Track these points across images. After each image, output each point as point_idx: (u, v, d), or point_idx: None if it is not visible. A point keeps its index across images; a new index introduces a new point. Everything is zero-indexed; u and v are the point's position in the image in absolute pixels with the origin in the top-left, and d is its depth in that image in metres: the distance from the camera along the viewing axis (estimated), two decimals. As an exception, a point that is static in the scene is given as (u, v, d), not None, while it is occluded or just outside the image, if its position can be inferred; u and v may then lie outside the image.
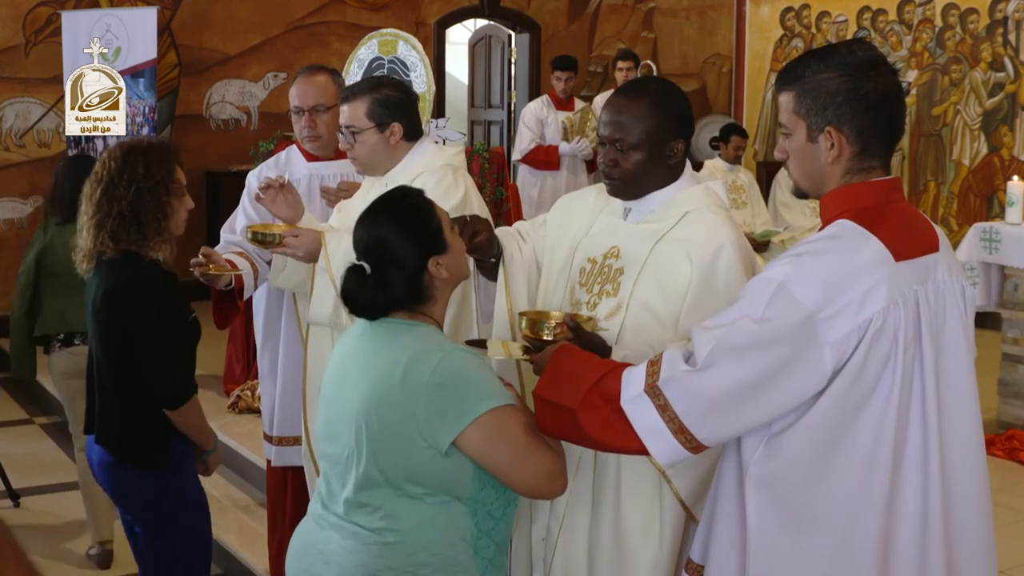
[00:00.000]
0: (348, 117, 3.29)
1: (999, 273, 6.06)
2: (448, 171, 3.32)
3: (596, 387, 2.11)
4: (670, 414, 2.01)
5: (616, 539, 2.59)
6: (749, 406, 1.96)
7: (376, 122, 3.27)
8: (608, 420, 2.09)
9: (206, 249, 3.43)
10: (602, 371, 2.14)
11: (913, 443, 1.98)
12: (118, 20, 7.62)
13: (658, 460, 2.10)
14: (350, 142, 3.30)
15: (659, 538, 2.56)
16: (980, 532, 2.08)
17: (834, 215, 2.06)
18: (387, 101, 3.27)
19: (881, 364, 1.95)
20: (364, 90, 3.29)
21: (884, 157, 2.07)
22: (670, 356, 2.05)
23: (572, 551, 2.65)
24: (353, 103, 3.27)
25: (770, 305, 1.94)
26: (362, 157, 3.33)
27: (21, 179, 8.21)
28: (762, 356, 1.94)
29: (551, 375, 2.21)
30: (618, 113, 2.56)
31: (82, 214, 3.04)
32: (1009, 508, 4.75)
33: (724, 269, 2.51)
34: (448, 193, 3.23)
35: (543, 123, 8.18)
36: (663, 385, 2.01)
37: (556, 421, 2.19)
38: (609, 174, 2.60)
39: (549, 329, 2.47)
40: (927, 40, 9.09)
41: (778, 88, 2.11)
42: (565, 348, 2.28)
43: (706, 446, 2.03)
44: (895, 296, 1.95)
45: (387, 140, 3.29)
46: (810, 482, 1.98)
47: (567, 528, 2.64)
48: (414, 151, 3.34)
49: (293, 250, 3.21)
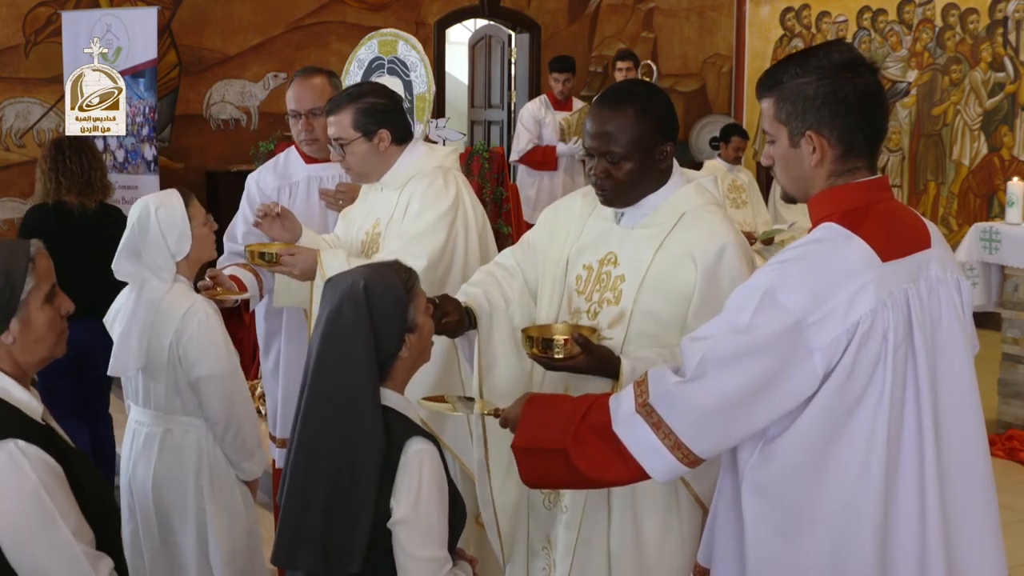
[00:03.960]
0: (335, 130, 3.28)
1: (999, 273, 6.06)
2: (438, 174, 3.31)
3: (584, 422, 2.10)
4: (665, 430, 1.99)
5: (636, 547, 2.57)
6: (743, 414, 1.95)
7: (363, 131, 3.26)
8: (602, 454, 2.07)
9: (212, 271, 3.44)
10: (585, 405, 2.13)
11: (908, 443, 1.98)
12: (118, 20, 7.61)
13: (656, 478, 2.08)
14: (340, 154, 3.30)
15: (680, 540, 2.55)
16: (983, 531, 2.06)
17: (821, 218, 2.05)
18: (371, 109, 3.26)
19: (871, 366, 1.94)
20: (347, 101, 3.28)
21: (869, 157, 2.07)
22: (656, 373, 2.04)
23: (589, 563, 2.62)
24: (338, 115, 3.27)
25: (757, 313, 1.94)
26: (355, 167, 3.33)
27: (21, 179, 8.20)
28: (752, 364, 1.93)
29: (529, 424, 2.19)
30: (603, 124, 2.53)
31: None
32: (1009, 508, 4.73)
33: (727, 269, 2.50)
34: (439, 197, 3.23)
35: (540, 123, 8.17)
36: (654, 402, 2.00)
37: (544, 468, 2.17)
38: (601, 185, 2.57)
39: (559, 347, 2.43)
40: (927, 40, 9.09)
41: (759, 95, 2.11)
42: (534, 397, 2.27)
43: (703, 459, 2.02)
44: (883, 297, 1.94)
45: (376, 147, 3.28)
46: (805, 485, 1.98)
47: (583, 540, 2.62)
48: (405, 155, 3.33)
49: (289, 268, 3.21)
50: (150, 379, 3.12)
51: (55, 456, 2.14)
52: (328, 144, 3.39)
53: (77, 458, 2.23)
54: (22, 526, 2.05)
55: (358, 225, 3.44)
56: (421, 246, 3.16)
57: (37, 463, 2.08)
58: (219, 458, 3.15)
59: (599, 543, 2.59)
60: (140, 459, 3.17)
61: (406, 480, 2.15)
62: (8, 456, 2.06)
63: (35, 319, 2.20)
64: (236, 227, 3.89)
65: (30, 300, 2.19)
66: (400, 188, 3.31)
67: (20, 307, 2.17)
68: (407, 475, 2.15)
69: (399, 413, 2.24)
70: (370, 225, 3.38)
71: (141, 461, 3.17)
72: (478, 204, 3.38)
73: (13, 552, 2.06)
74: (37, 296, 2.20)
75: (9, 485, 2.05)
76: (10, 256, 2.19)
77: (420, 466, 2.16)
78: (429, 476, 2.17)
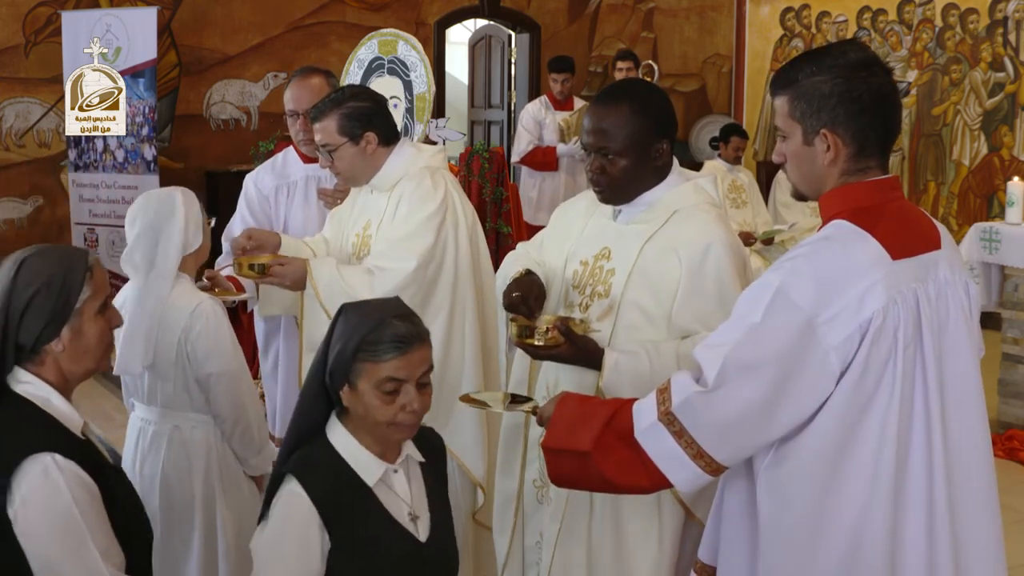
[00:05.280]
0: (321, 136, 3.28)
1: (999, 273, 6.06)
2: (426, 174, 3.30)
3: (608, 427, 2.09)
4: (687, 439, 1.99)
5: (616, 541, 2.59)
6: (765, 420, 1.95)
7: (349, 136, 3.26)
8: (624, 459, 2.07)
9: (210, 272, 3.44)
10: (611, 410, 2.13)
11: (917, 442, 1.97)
12: (118, 20, 7.61)
13: (679, 487, 2.08)
14: (328, 160, 3.30)
15: (659, 539, 2.56)
16: (987, 528, 2.07)
17: (832, 216, 2.06)
18: (355, 113, 3.26)
19: (882, 364, 1.94)
20: (330, 107, 3.27)
21: (881, 157, 2.07)
22: (679, 380, 2.03)
23: (571, 554, 2.64)
24: (323, 121, 3.26)
25: (769, 311, 1.94)
26: (344, 171, 3.33)
27: (21, 179, 8.20)
28: (770, 368, 1.93)
29: (559, 425, 2.19)
30: (600, 120, 2.56)
31: None
32: (1009, 508, 4.72)
33: (713, 267, 2.51)
34: (426, 198, 3.23)
35: (541, 124, 8.16)
36: (677, 411, 2.00)
37: (570, 470, 2.17)
38: (597, 181, 2.59)
39: (540, 334, 2.46)
40: (927, 40, 9.09)
41: (772, 92, 2.11)
42: (567, 396, 2.26)
43: (725, 467, 2.02)
44: (893, 295, 1.95)
45: (364, 150, 3.28)
46: (820, 485, 1.97)
47: (566, 531, 2.64)
48: (393, 156, 3.33)
49: (280, 279, 3.20)
50: (157, 377, 3.10)
51: (91, 472, 2.09)
52: (316, 150, 3.38)
53: (113, 474, 2.20)
54: (52, 544, 2.02)
55: (348, 227, 3.45)
56: (409, 248, 3.16)
57: (72, 479, 2.03)
58: (227, 454, 3.15)
59: (580, 535, 2.61)
60: (148, 457, 3.14)
61: None
62: (44, 471, 2.01)
63: (87, 329, 2.15)
64: (234, 227, 3.88)
65: (84, 309, 2.14)
66: (390, 190, 3.31)
67: (73, 315, 2.13)
68: None
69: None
70: (361, 227, 3.38)
71: (149, 459, 3.14)
72: (468, 203, 3.39)
73: (41, 570, 2.03)
74: (92, 306, 2.16)
75: (41, 501, 2.01)
76: (69, 263, 2.15)
77: None
78: None
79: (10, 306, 2.10)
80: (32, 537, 2.01)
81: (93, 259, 2.19)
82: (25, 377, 2.11)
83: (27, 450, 2.01)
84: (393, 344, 2.14)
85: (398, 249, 3.16)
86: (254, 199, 3.91)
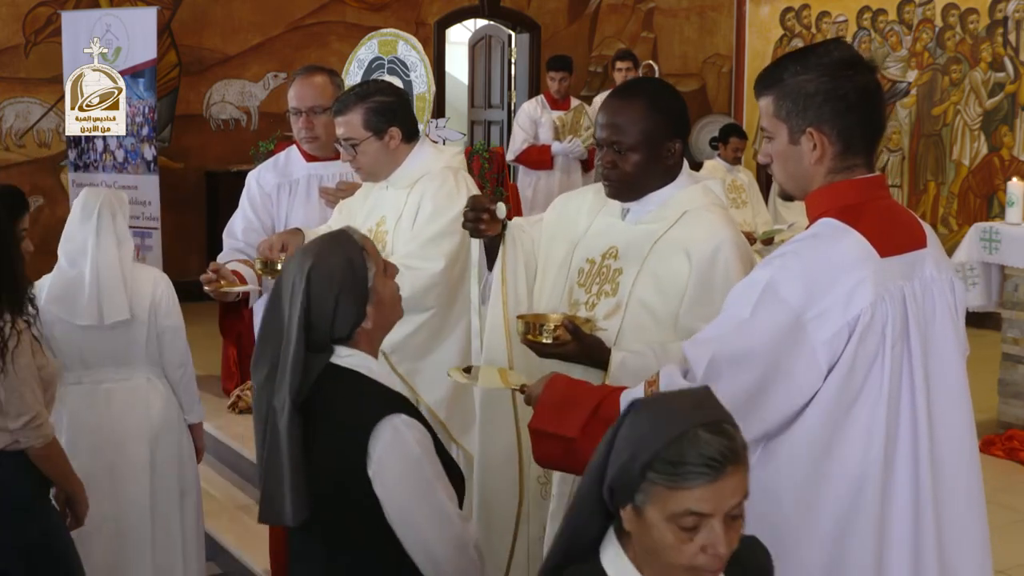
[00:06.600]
0: (344, 130, 3.27)
1: (999, 273, 6.05)
2: (449, 174, 3.31)
3: (595, 415, 2.10)
4: None
5: None
6: (751, 416, 1.95)
7: (373, 130, 3.25)
8: None
9: (215, 264, 3.44)
10: (599, 397, 2.13)
11: (904, 439, 1.98)
12: (118, 20, 7.61)
13: None
14: (352, 154, 3.30)
15: None
16: (972, 527, 2.08)
17: (819, 214, 2.06)
18: (380, 108, 3.25)
19: (870, 360, 1.95)
20: (355, 100, 3.26)
21: (867, 155, 2.08)
22: (667, 373, 2.04)
23: None
24: (347, 115, 3.25)
25: (758, 307, 1.95)
26: (366, 166, 3.32)
27: (21, 179, 8.19)
28: (758, 363, 1.94)
29: (546, 406, 2.20)
30: (614, 115, 2.57)
31: None
32: (1009, 508, 4.74)
33: (722, 268, 2.51)
34: (452, 199, 3.23)
35: (536, 123, 8.17)
36: None
37: (555, 453, 2.18)
38: (607, 176, 2.60)
39: (548, 332, 2.46)
40: (927, 40, 9.09)
41: (757, 93, 2.12)
42: (556, 378, 2.27)
43: None
44: (881, 292, 1.95)
45: (387, 146, 3.28)
46: (806, 484, 1.98)
47: None
48: (414, 154, 3.33)
49: None
50: (125, 331, 3.58)
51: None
52: (336, 144, 3.37)
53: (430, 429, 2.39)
54: (409, 497, 2.20)
55: (359, 222, 3.44)
56: (438, 248, 3.19)
57: (417, 434, 2.22)
58: (174, 409, 3.71)
59: None
60: (102, 416, 3.58)
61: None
62: (394, 429, 2.19)
63: (383, 295, 2.31)
64: (235, 224, 3.89)
65: (376, 284, 2.29)
66: (409, 187, 3.31)
67: (371, 294, 2.27)
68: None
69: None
70: (374, 223, 3.38)
71: (104, 418, 3.58)
72: None
73: (396, 515, 2.18)
74: (379, 276, 2.31)
75: (397, 459, 2.19)
76: (346, 252, 2.28)
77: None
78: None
79: (313, 312, 2.22)
80: (390, 491, 2.18)
81: (360, 236, 2.33)
82: (345, 351, 2.27)
83: (376, 416, 2.18)
84: (700, 468, 1.59)
85: (427, 249, 3.19)
86: (256, 196, 3.91)
